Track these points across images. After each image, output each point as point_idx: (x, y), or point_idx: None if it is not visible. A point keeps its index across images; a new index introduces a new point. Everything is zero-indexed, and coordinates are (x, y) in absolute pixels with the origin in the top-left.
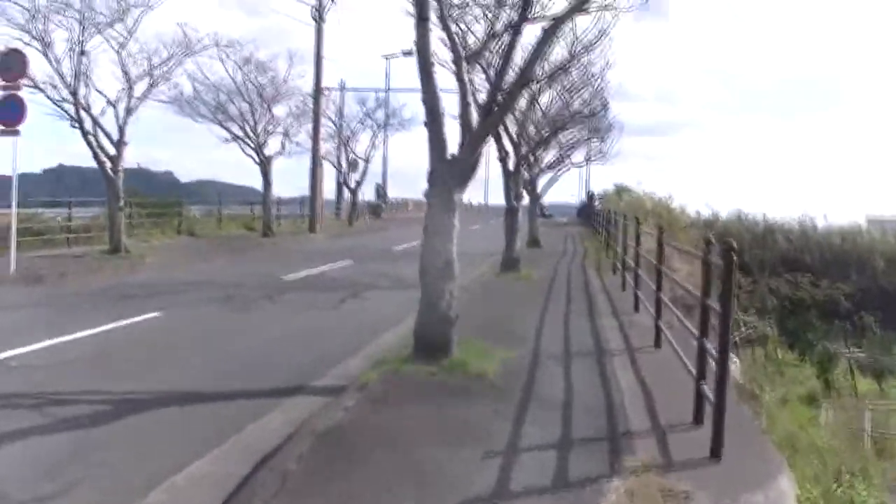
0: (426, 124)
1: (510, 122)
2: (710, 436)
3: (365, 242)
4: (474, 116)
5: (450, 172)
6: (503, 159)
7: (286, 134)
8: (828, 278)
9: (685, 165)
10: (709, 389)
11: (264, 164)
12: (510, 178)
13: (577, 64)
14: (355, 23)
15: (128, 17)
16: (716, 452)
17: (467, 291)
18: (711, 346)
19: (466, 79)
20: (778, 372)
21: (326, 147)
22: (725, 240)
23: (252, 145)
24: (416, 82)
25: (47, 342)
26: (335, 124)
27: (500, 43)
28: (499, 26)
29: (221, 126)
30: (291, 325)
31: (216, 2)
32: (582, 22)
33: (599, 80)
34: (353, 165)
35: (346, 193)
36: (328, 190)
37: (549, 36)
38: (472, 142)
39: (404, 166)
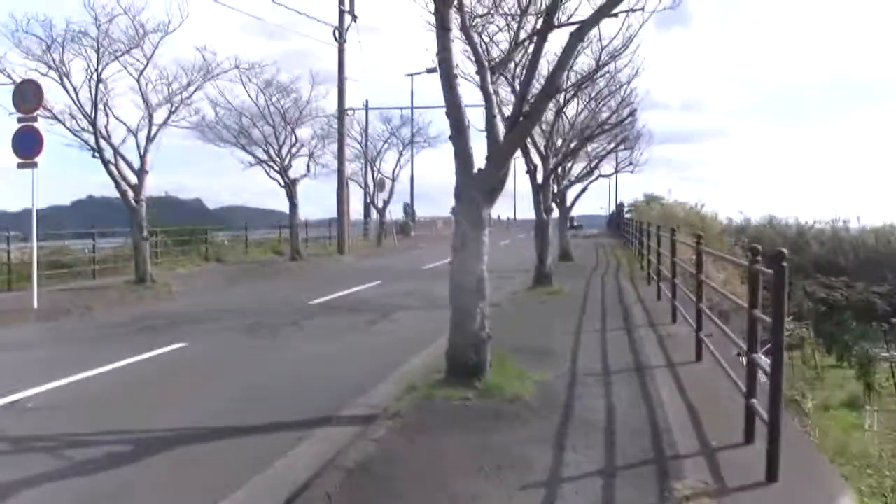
0: (451, 138)
1: (537, 134)
2: (765, 456)
3: (394, 262)
4: (501, 129)
5: (477, 187)
6: (531, 172)
7: (311, 156)
8: (863, 280)
9: (713, 172)
10: (760, 406)
11: (289, 187)
12: (539, 192)
13: (603, 72)
14: (379, 43)
15: (145, 42)
16: (772, 474)
17: (500, 308)
18: (761, 359)
19: (491, 90)
20: (817, 376)
21: (353, 167)
22: (775, 248)
23: (277, 168)
24: (441, 98)
25: (67, 379)
26: (360, 144)
27: (524, 53)
28: (523, 35)
29: (245, 150)
30: (318, 352)
31: (239, 28)
32: (607, 29)
33: (627, 87)
34: (380, 185)
35: (375, 213)
36: (356, 210)
37: (575, 42)
38: (499, 155)
39: (433, 184)
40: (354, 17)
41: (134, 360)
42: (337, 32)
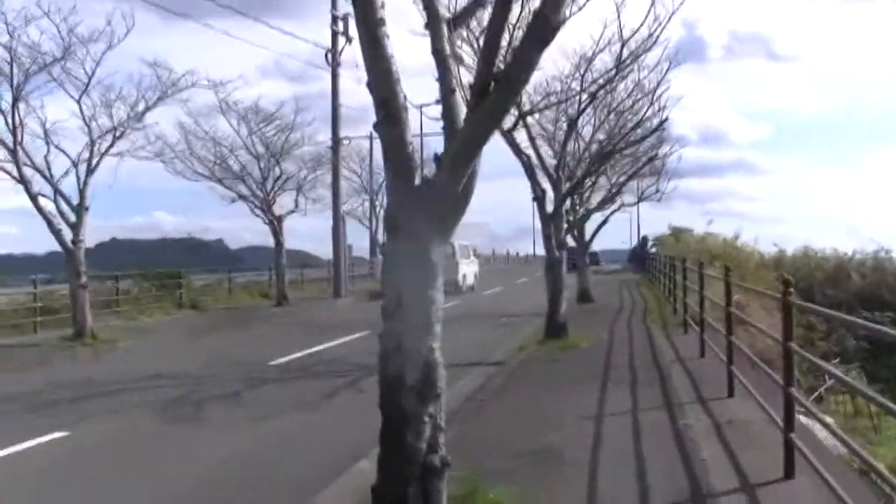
0: (376, 126)
1: (547, 155)
2: None
3: None
4: (462, 109)
5: (422, 208)
6: (538, 199)
7: (299, 190)
8: None
9: (737, 205)
10: None
11: (274, 224)
12: (549, 223)
13: (625, 73)
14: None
15: (85, 56)
16: None
17: (501, 369)
18: None
19: (448, 50)
20: (873, 427)
21: (352, 203)
22: None
23: (258, 204)
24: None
25: None
26: (360, 177)
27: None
28: None
29: (221, 184)
30: (243, 442)
31: (256, 69)
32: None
33: (655, 92)
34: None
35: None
36: (361, 248)
37: None
38: (459, 151)
39: None
40: (349, 39)
41: None
42: (329, 55)
